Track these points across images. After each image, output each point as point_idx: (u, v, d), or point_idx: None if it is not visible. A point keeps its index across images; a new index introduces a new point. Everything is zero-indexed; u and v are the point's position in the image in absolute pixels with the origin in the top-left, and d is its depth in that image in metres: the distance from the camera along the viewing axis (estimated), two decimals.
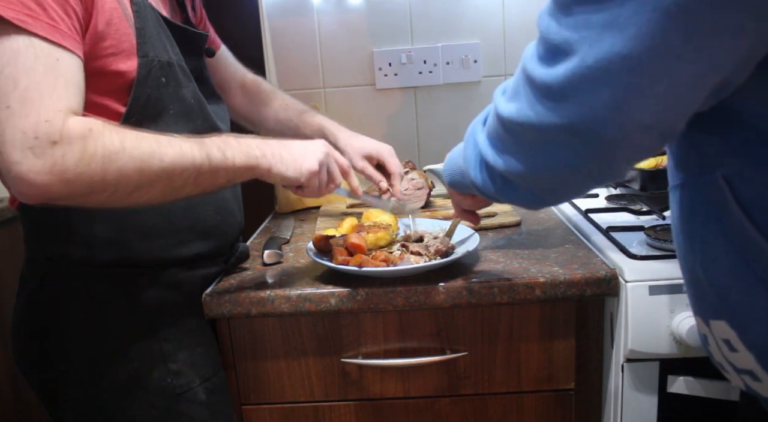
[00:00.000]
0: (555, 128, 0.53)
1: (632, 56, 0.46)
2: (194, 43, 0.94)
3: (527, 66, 0.55)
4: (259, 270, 1.00)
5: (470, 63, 1.46)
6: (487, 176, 0.68)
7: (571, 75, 0.49)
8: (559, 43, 0.50)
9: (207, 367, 0.91)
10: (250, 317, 0.91)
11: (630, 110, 0.49)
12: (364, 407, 0.96)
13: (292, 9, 1.46)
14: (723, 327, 0.57)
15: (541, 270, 0.90)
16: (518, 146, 0.60)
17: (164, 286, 0.88)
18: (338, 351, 0.94)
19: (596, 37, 0.47)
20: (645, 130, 0.51)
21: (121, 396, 0.86)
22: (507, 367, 0.94)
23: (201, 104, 0.91)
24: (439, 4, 1.45)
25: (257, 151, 0.80)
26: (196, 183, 0.74)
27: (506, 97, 0.60)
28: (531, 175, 0.61)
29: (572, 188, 0.64)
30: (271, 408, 0.97)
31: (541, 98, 0.54)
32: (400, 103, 1.50)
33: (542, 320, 0.92)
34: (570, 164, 0.57)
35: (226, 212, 0.95)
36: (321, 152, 0.86)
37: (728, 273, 0.55)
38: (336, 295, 0.89)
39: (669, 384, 0.86)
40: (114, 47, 0.77)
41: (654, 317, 0.83)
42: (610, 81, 0.48)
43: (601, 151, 0.54)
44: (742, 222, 0.52)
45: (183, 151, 0.72)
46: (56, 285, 0.85)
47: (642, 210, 1.13)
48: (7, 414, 1.51)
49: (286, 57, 1.49)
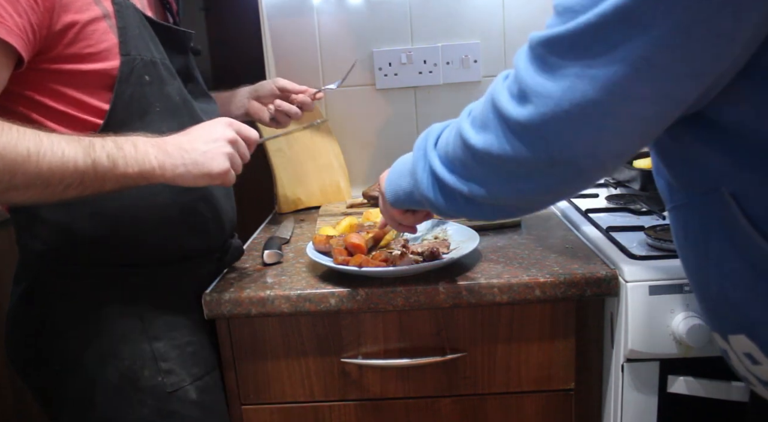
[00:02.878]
0: (534, 161, 0.58)
1: (604, 102, 0.51)
2: (179, 41, 0.95)
3: (499, 102, 0.59)
4: (259, 270, 1.00)
5: (470, 63, 1.46)
6: (441, 196, 0.71)
7: (549, 117, 0.54)
8: (534, 87, 0.55)
9: (199, 366, 0.91)
10: (250, 317, 0.91)
11: (604, 144, 0.55)
12: (364, 407, 0.96)
13: (292, 9, 1.46)
14: (743, 341, 0.58)
15: (541, 270, 0.90)
16: (491, 175, 0.63)
17: (155, 285, 0.89)
18: (338, 351, 0.94)
19: (570, 85, 0.52)
20: (617, 157, 0.58)
21: (114, 394, 0.86)
22: (507, 367, 0.94)
23: (186, 101, 0.91)
24: (439, 4, 1.45)
25: (155, 161, 0.76)
26: (82, 187, 0.72)
27: (475, 127, 0.63)
28: (502, 198, 0.65)
29: (543, 204, 0.69)
30: (271, 408, 0.97)
31: (516, 134, 0.58)
32: (400, 103, 1.50)
33: (542, 320, 0.92)
34: (547, 189, 0.61)
35: (217, 209, 0.96)
36: (227, 141, 0.81)
37: (743, 287, 0.56)
38: (336, 295, 0.89)
39: (669, 384, 0.86)
40: (92, 47, 0.78)
41: (654, 317, 0.83)
42: (585, 122, 0.53)
43: (579, 177, 0.59)
44: (751, 235, 0.54)
45: (65, 158, 0.70)
46: (48, 285, 0.86)
47: (642, 210, 1.13)
48: (7, 414, 1.51)
49: (286, 57, 1.49)
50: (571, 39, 0.51)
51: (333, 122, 1.51)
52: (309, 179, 1.45)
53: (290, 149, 1.44)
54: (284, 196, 1.42)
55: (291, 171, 1.43)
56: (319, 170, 1.46)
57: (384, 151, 1.52)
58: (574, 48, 0.51)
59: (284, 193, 1.42)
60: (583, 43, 0.51)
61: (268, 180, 1.46)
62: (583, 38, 0.51)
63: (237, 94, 1.19)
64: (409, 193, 0.78)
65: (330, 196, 1.46)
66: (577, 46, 0.51)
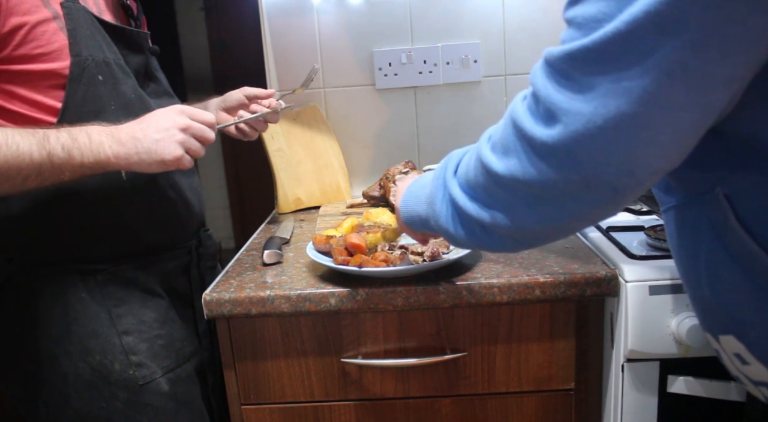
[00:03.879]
0: (564, 185, 0.54)
1: (639, 114, 0.48)
2: (134, 41, 0.97)
3: (522, 124, 0.55)
4: (259, 270, 1.00)
5: (470, 63, 1.46)
6: (461, 228, 0.66)
7: (581, 136, 0.51)
8: (560, 105, 0.51)
9: (170, 359, 0.94)
10: (250, 317, 0.91)
11: (641, 160, 0.51)
12: (364, 407, 0.96)
13: (292, 9, 1.46)
14: (732, 342, 0.58)
15: (541, 271, 0.90)
16: (515, 201, 0.59)
17: (123, 281, 0.92)
18: (338, 351, 0.94)
19: (602, 100, 0.49)
20: (654, 174, 0.53)
21: (87, 389, 0.89)
22: (507, 367, 0.94)
23: (142, 99, 0.93)
24: (439, 4, 1.45)
25: (109, 151, 0.79)
26: (41, 178, 0.76)
27: (496, 153, 0.59)
28: (526, 227, 0.60)
29: (566, 233, 0.64)
30: (271, 408, 0.97)
31: (542, 156, 0.54)
32: (400, 103, 1.50)
33: (542, 320, 0.92)
34: (575, 215, 0.57)
35: (180, 204, 0.98)
36: (178, 128, 0.82)
37: (732, 287, 0.56)
38: (336, 295, 0.89)
39: (669, 384, 0.86)
40: (42, 47, 0.81)
41: (654, 317, 0.83)
42: (620, 138, 0.50)
43: (614, 198, 0.55)
44: (742, 237, 0.53)
45: (20, 152, 0.74)
46: (19, 285, 0.89)
47: (642, 210, 1.13)
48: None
49: (286, 57, 1.49)
50: (598, 51, 0.48)
51: (333, 122, 1.51)
52: (309, 179, 1.45)
53: (290, 149, 1.44)
54: (284, 196, 1.42)
55: (291, 171, 1.43)
56: (319, 170, 1.46)
57: (384, 151, 1.52)
58: (602, 60, 0.48)
59: (284, 193, 1.42)
60: (612, 54, 0.48)
61: (268, 180, 1.46)
62: (612, 48, 0.48)
63: (207, 105, 1.18)
64: (424, 221, 0.74)
65: (330, 196, 1.46)
66: (605, 57, 0.48)
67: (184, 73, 3.19)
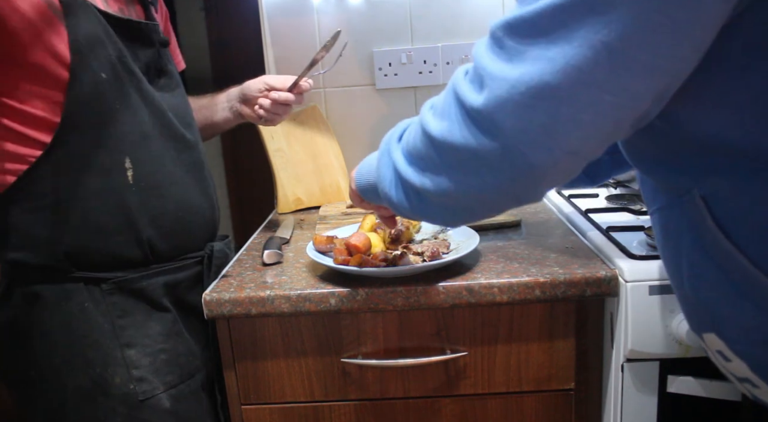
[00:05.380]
0: (486, 150, 0.55)
1: (561, 86, 0.50)
2: (142, 33, 0.94)
3: (458, 89, 0.57)
4: (259, 270, 1.00)
5: None
6: (402, 194, 0.68)
7: (503, 100, 0.52)
8: (490, 71, 0.53)
9: (173, 374, 0.91)
10: (250, 317, 0.91)
11: (558, 136, 0.52)
12: (364, 407, 0.96)
13: (292, 9, 1.46)
14: (714, 340, 0.60)
15: (541, 271, 0.90)
16: (444, 166, 0.60)
17: (127, 292, 0.89)
18: (338, 351, 0.94)
19: (527, 68, 0.51)
20: (571, 155, 0.54)
21: (85, 401, 0.86)
22: (507, 367, 0.94)
23: (147, 94, 0.90)
24: (439, 4, 1.45)
25: None
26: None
27: (436, 116, 0.61)
28: (452, 194, 0.61)
29: (492, 208, 0.65)
30: (271, 408, 0.97)
31: (472, 121, 0.55)
32: (400, 103, 1.50)
33: (542, 320, 0.92)
34: (496, 186, 0.58)
35: (189, 210, 0.95)
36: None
37: (711, 287, 0.57)
38: (336, 295, 0.89)
39: (669, 384, 0.86)
40: (43, 45, 0.80)
41: (654, 317, 0.83)
42: (539, 107, 0.51)
43: (529, 174, 0.56)
44: (719, 237, 0.55)
45: None
46: (21, 291, 0.87)
47: (642, 210, 1.13)
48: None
49: (286, 57, 1.49)
50: (531, 21, 0.50)
51: (333, 122, 1.51)
52: (309, 179, 1.45)
53: (290, 149, 1.44)
54: (284, 196, 1.42)
55: (291, 171, 1.43)
56: (319, 170, 1.46)
57: None
58: (533, 30, 0.50)
59: (284, 193, 1.42)
60: (542, 26, 0.50)
61: (268, 180, 1.46)
62: (543, 20, 0.50)
63: (220, 97, 1.18)
64: (374, 187, 0.75)
65: (330, 196, 1.46)
66: (536, 28, 0.50)
67: (184, 73, 3.19)
